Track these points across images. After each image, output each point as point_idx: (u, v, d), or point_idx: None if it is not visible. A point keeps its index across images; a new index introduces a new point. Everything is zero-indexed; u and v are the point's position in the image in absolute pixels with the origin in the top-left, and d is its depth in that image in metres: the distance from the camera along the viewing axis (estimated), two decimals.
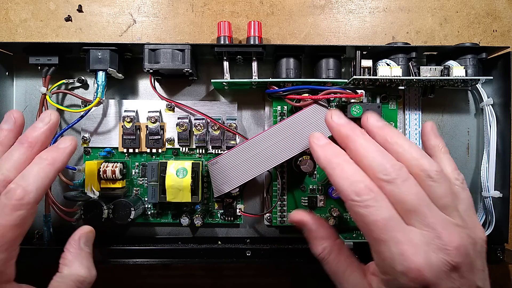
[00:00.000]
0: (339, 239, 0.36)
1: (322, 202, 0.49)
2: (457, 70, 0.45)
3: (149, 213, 0.49)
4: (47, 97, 0.46)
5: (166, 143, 0.49)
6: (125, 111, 0.48)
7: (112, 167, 0.46)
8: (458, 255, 0.28)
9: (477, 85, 0.48)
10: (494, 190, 0.47)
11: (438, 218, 0.29)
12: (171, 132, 0.49)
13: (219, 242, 0.49)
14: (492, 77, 0.46)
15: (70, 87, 0.49)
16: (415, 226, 0.29)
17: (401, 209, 0.29)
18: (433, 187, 0.30)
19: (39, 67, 0.47)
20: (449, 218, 0.29)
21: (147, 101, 0.49)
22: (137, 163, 0.49)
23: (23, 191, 0.30)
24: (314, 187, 0.49)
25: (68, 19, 0.51)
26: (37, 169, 0.32)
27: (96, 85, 0.45)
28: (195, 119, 0.48)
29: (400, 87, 0.49)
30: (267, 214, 0.50)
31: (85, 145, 0.49)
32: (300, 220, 0.36)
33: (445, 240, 0.28)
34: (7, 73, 0.49)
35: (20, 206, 0.30)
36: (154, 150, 0.49)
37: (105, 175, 0.46)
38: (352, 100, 0.46)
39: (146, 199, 0.49)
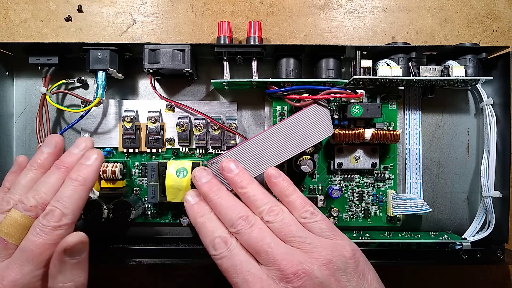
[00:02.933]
0: None
1: (322, 202, 0.49)
2: (457, 70, 0.45)
3: (149, 213, 0.49)
4: (47, 97, 0.46)
5: (166, 143, 0.49)
6: (125, 111, 0.48)
7: (112, 167, 0.46)
8: (296, 279, 0.31)
9: (477, 85, 0.48)
10: (494, 190, 0.47)
11: (279, 251, 0.32)
12: (171, 132, 0.49)
13: None
14: (492, 77, 0.46)
15: (70, 87, 0.49)
16: (263, 264, 0.33)
17: (253, 253, 0.33)
18: (273, 225, 0.34)
19: (39, 67, 0.47)
20: (291, 247, 0.33)
21: (147, 101, 0.49)
22: (137, 163, 0.49)
23: (60, 214, 0.33)
24: (314, 187, 0.49)
25: (68, 19, 0.51)
26: (71, 191, 0.35)
27: (96, 85, 0.45)
28: (195, 119, 0.48)
29: (400, 87, 0.49)
30: None
31: None
32: None
33: (283, 269, 0.31)
34: (7, 73, 0.49)
35: (59, 227, 0.33)
36: (154, 150, 0.49)
37: (105, 175, 0.46)
38: (352, 100, 0.46)
39: (146, 199, 0.49)
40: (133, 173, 0.49)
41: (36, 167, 0.37)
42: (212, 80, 0.46)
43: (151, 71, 0.45)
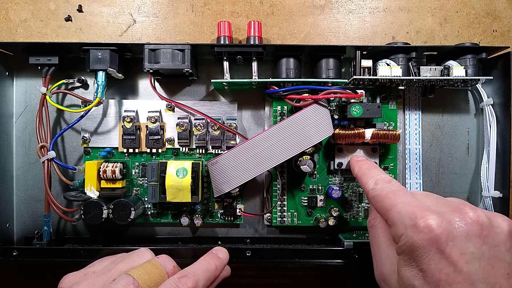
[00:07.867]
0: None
1: (322, 202, 0.49)
2: (457, 70, 0.45)
3: (149, 213, 0.49)
4: (47, 97, 0.46)
5: (166, 143, 0.49)
6: (125, 111, 0.48)
7: (112, 167, 0.46)
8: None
9: (477, 85, 0.48)
10: (494, 190, 0.47)
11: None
12: (171, 132, 0.49)
13: (219, 242, 0.49)
14: (492, 77, 0.46)
15: (70, 87, 0.49)
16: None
17: None
18: None
19: (39, 67, 0.47)
20: None
21: (147, 101, 0.49)
22: (137, 163, 0.49)
23: (195, 280, 0.34)
24: (314, 187, 0.49)
25: (68, 19, 0.51)
26: (205, 267, 0.36)
27: (96, 85, 0.45)
28: (195, 119, 0.48)
29: (400, 87, 0.49)
30: (267, 214, 0.50)
31: (85, 145, 0.49)
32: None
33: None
34: (7, 73, 0.49)
35: None
36: (154, 150, 0.49)
37: (105, 175, 0.46)
38: (352, 100, 0.46)
39: (146, 199, 0.49)
40: (133, 173, 0.49)
41: None
42: (212, 80, 0.46)
43: (151, 71, 0.45)
